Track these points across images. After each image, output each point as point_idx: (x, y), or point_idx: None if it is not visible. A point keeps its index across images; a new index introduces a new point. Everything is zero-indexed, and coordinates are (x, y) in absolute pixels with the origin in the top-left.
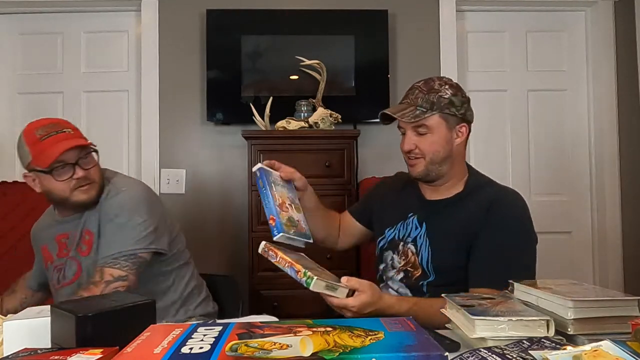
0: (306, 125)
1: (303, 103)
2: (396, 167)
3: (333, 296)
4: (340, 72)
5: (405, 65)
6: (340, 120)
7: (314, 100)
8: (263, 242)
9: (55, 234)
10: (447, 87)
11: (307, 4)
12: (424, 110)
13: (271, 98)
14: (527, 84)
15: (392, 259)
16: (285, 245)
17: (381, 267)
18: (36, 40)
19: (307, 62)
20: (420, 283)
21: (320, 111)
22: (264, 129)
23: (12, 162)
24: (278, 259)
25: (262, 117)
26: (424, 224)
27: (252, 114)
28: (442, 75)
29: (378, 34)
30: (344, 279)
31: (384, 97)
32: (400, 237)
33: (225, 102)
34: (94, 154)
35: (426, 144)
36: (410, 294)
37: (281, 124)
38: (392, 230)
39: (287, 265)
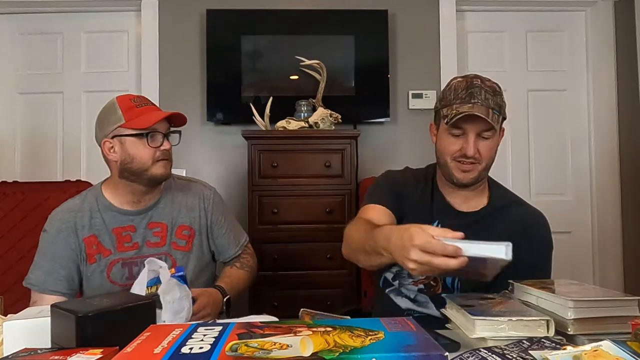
0: (306, 125)
1: (303, 103)
2: (396, 167)
3: None
4: (340, 72)
5: (405, 65)
6: (340, 120)
7: (314, 100)
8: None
9: (112, 226)
10: (500, 89)
11: (307, 4)
12: (497, 114)
13: (271, 98)
14: (527, 84)
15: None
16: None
17: (395, 269)
18: (36, 40)
19: (307, 62)
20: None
21: (320, 111)
22: (264, 129)
23: (12, 162)
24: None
25: (262, 117)
26: None
27: (252, 114)
28: (441, 75)
29: (378, 34)
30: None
31: (384, 97)
32: None
33: (225, 102)
34: (176, 136)
35: (486, 149)
36: (430, 303)
37: (281, 124)
38: None
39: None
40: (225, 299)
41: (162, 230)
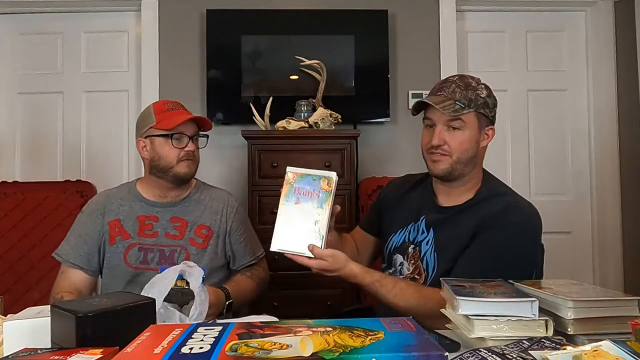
0: (306, 125)
1: (303, 103)
2: (396, 167)
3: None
4: (340, 72)
5: (405, 65)
6: (340, 120)
7: (314, 100)
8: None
9: (137, 214)
10: (482, 86)
11: (307, 4)
12: (462, 105)
13: (271, 98)
14: (527, 84)
15: (402, 264)
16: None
17: (390, 271)
18: (36, 40)
19: (307, 62)
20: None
21: (320, 111)
22: (264, 129)
23: (12, 162)
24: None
25: (262, 117)
26: (431, 229)
27: (252, 114)
28: (441, 75)
29: (378, 34)
30: (309, 246)
31: (384, 97)
32: (411, 239)
33: (225, 102)
34: (204, 139)
35: (456, 141)
36: None
37: (281, 124)
38: (403, 232)
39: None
40: (227, 302)
41: (182, 225)
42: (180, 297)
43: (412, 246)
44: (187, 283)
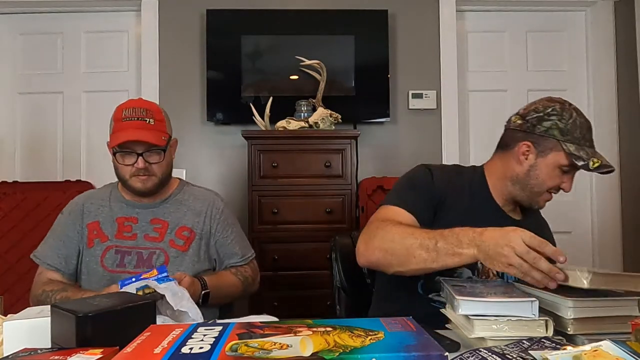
0: (306, 125)
1: (303, 103)
2: (396, 167)
3: None
4: (340, 72)
5: (405, 65)
6: (340, 120)
7: (314, 100)
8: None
9: (116, 215)
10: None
11: (307, 4)
12: None
13: (271, 98)
14: (527, 84)
15: (470, 279)
16: None
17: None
18: (36, 40)
19: (307, 62)
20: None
21: (320, 111)
22: (264, 129)
23: (12, 162)
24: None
25: (262, 117)
26: None
27: (252, 114)
28: (441, 75)
29: (378, 34)
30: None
31: (384, 97)
32: None
33: (225, 102)
34: (163, 154)
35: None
36: None
37: (281, 124)
38: None
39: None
40: (203, 292)
41: (162, 227)
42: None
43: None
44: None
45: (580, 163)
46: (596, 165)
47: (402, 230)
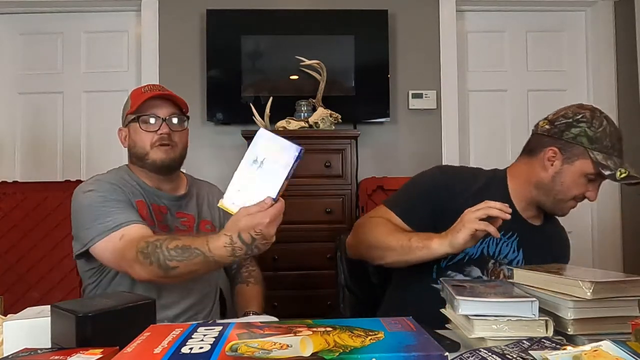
0: (306, 125)
1: (303, 103)
2: (396, 167)
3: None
4: (340, 72)
5: (405, 65)
6: (340, 120)
7: (314, 100)
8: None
9: (151, 202)
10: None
11: (307, 4)
12: None
13: (271, 98)
14: (527, 84)
15: (479, 277)
16: None
17: (457, 276)
18: (36, 40)
19: (307, 62)
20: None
21: (320, 111)
22: None
23: (12, 162)
24: None
25: (262, 117)
26: (521, 250)
27: (252, 114)
28: (441, 75)
29: (378, 34)
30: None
31: (384, 97)
32: (491, 253)
33: (225, 102)
34: (186, 123)
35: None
36: None
37: (281, 124)
38: (481, 243)
39: None
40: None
41: (189, 220)
42: None
43: (492, 261)
44: None
45: (607, 172)
46: (623, 175)
47: (385, 229)
